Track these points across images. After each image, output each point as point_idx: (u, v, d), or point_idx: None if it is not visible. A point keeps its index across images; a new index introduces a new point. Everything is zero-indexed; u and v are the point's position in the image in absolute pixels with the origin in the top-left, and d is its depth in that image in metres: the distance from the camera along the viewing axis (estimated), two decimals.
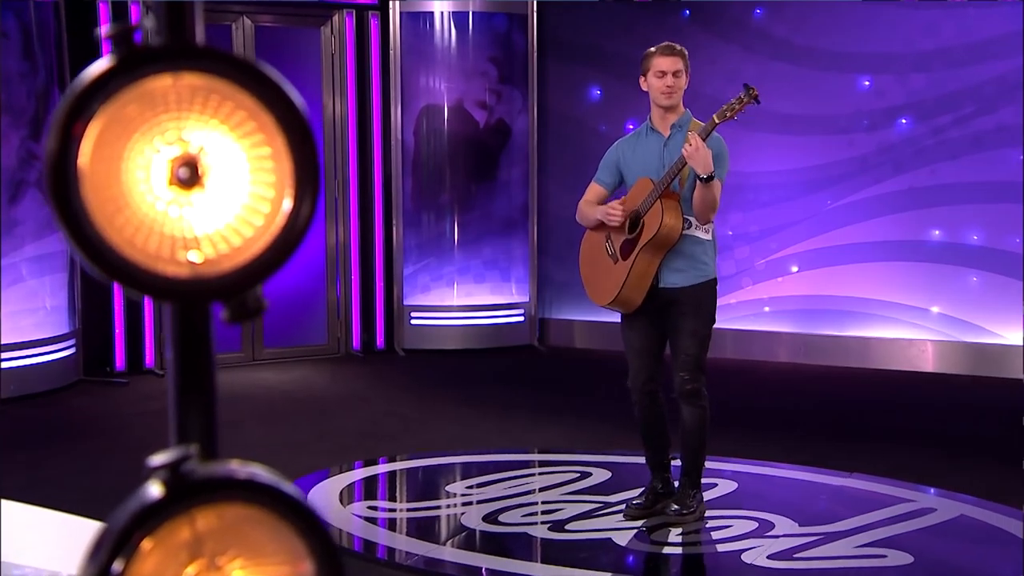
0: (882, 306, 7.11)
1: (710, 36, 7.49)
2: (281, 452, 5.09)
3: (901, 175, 7.02)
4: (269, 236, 0.92)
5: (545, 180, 8.16)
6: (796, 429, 5.55)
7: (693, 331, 3.74)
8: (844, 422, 5.74)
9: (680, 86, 3.73)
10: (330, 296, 7.72)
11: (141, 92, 0.89)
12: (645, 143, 3.83)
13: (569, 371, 7.39)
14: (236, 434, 5.46)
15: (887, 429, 5.54)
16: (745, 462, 4.81)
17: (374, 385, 6.84)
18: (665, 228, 3.66)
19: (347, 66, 7.61)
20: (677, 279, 3.77)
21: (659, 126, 3.81)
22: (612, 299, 3.81)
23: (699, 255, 3.77)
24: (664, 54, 3.69)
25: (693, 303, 3.74)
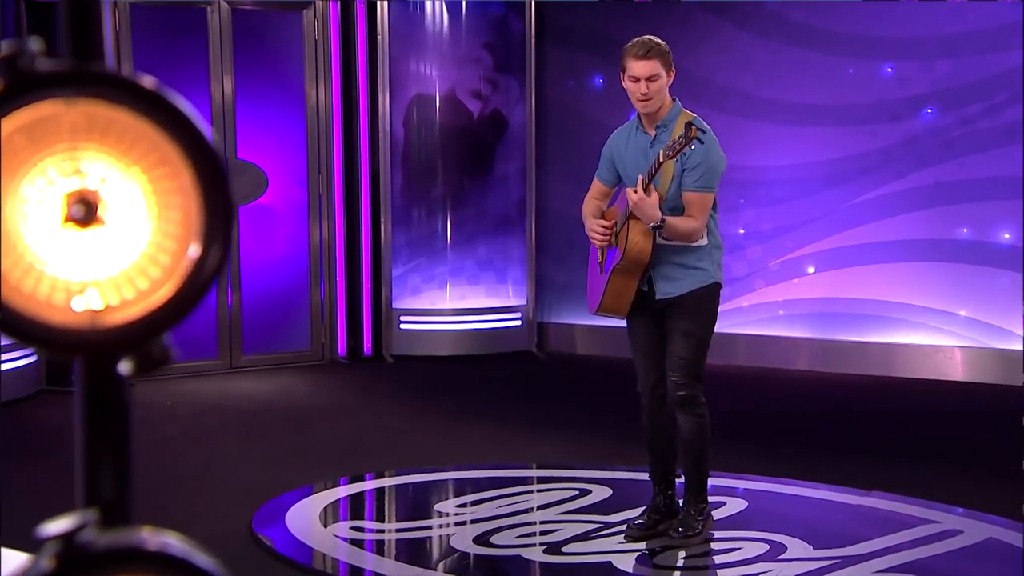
0: (906, 310, 7.09)
1: (721, 21, 7.46)
2: (259, 468, 5.07)
3: (926, 169, 7.00)
4: (174, 282, 0.89)
5: (544, 175, 8.16)
6: (812, 442, 5.54)
7: (688, 332, 3.75)
8: (864, 435, 5.72)
9: (658, 88, 3.66)
10: (313, 299, 7.71)
11: (30, 120, 0.86)
12: (634, 142, 3.83)
13: (570, 379, 7.39)
14: (210, 449, 5.45)
15: (910, 443, 5.52)
16: (756, 479, 4.78)
17: (360, 395, 6.84)
18: (631, 252, 3.67)
19: (331, 52, 7.61)
20: (672, 288, 3.78)
21: (646, 125, 3.80)
22: (596, 309, 3.87)
23: (692, 261, 3.77)
24: (637, 57, 3.63)
25: (689, 305, 3.77)
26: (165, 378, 6.98)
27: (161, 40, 7.11)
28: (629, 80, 3.67)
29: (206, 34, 7.16)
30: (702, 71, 7.22)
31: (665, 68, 3.66)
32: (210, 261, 0.89)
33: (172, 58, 7.15)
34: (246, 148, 7.38)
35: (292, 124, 7.57)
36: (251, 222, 7.45)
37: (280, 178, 7.56)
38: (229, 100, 7.26)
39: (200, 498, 4.64)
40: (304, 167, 7.61)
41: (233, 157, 7.31)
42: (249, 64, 7.33)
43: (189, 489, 4.77)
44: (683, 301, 3.75)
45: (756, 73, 7.42)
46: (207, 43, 7.18)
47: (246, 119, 7.34)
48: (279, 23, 7.50)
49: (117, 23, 6.87)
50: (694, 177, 3.65)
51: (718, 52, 7.41)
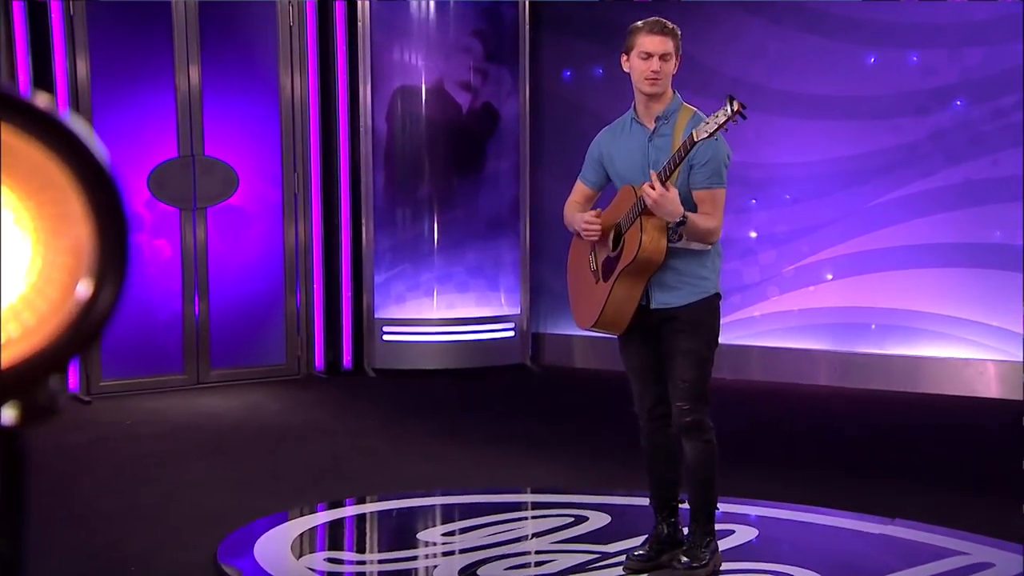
0: (933, 320, 7.09)
1: (731, 6, 7.47)
2: (227, 493, 5.06)
3: (955, 166, 6.99)
4: (61, 321, 0.86)
5: (539, 173, 8.16)
6: (830, 465, 5.53)
7: (690, 352, 3.74)
8: (887, 457, 5.71)
9: (667, 72, 3.67)
10: (289, 308, 7.70)
11: None
12: (628, 137, 3.80)
13: (567, 395, 7.40)
14: (174, 473, 5.44)
15: (938, 466, 5.51)
16: (769, 504, 4.76)
17: (339, 413, 6.83)
18: (645, 252, 3.65)
19: (308, 40, 7.61)
20: (670, 299, 3.76)
21: (643, 117, 3.77)
22: (593, 323, 3.83)
23: (694, 269, 3.75)
24: (652, 32, 3.65)
25: (689, 320, 3.75)
26: (126, 395, 7.00)
27: (121, 28, 7.08)
28: (639, 57, 3.66)
29: (170, 20, 7.15)
30: (709, 60, 7.20)
31: (676, 52, 3.68)
32: (102, 300, 0.86)
33: (133, 48, 7.12)
34: (215, 144, 7.36)
35: (265, 118, 7.56)
36: (221, 224, 7.44)
37: (252, 176, 7.54)
38: (196, 92, 7.24)
39: (162, 527, 4.62)
40: (278, 165, 7.60)
41: (201, 154, 7.30)
42: (218, 53, 7.32)
43: (150, 517, 4.75)
44: (681, 316, 3.74)
45: (768, 62, 7.42)
46: (171, 30, 7.16)
47: (214, 113, 7.33)
48: (250, 8, 7.48)
49: (71, 9, 6.84)
50: (706, 173, 3.64)
51: (727, 39, 7.40)
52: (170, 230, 7.27)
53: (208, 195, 7.33)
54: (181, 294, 7.29)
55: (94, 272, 0.86)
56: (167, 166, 7.21)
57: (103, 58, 6.95)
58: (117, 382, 7.06)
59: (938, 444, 5.97)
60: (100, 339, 0.87)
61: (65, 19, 6.81)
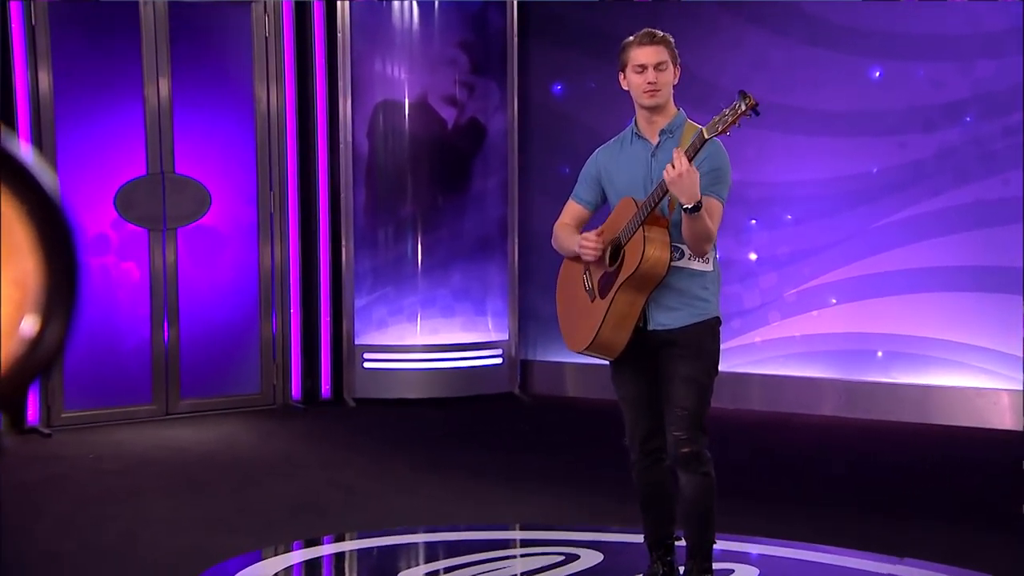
0: (943, 347, 7.06)
1: (731, 15, 7.47)
2: (197, 532, 5.02)
3: (966, 185, 6.98)
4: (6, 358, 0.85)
5: (528, 191, 8.14)
6: (835, 500, 5.50)
7: (689, 377, 3.73)
8: (896, 492, 5.68)
9: (666, 81, 3.71)
10: (264, 334, 7.67)
11: None
12: (630, 153, 3.83)
13: (558, 426, 7.37)
14: (140, 510, 5.39)
15: (949, 501, 5.48)
16: (770, 542, 4.75)
17: (317, 445, 6.81)
18: (647, 263, 3.65)
19: (285, 51, 7.60)
20: (669, 319, 3.75)
21: (646, 132, 3.80)
22: (588, 344, 3.82)
23: (695, 290, 3.76)
24: (642, 43, 3.70)
25: (689, 345, 3.74)
26: (89, 427, 6.95)
27: (86, 37, 7.05)
28: (633, 71, 3.70)
29: (138, 28, 7.12)
30: (706, 73, 7.13)
31: (672, 60, 3.71)
32: (49, 337, 0.85)
33: (99, 57, 7.09)
34: (186, 160, 7.34)
35: (239, 133, 7.54)
36: (192, 246, 7.41)
37: (225, 195, 7.52)
38: (166, 106, 7.22)
39: (127, 570, 4.57)
40: (253, 182, 7.58)
41: (171, 171, 7.28)
42: (189, 64, 7.29)
43: (114, 558, 4.70)
44: (680, 340, 3.74)
45: (769, 75, 7.38)
46: (140, 40, 7.13)
47: (185, 127, 7.30)
48: (224, 17, 7.47)
49: (33, 17, 6.80)
50: (710, 180, 3.65)
51: (725, 51, 7.38)
52: (138, 252, 7.23)
53: (178, 215, 7.30)
54: (149, 319, 7.25)
55: (41, 307, 0.84)
56: (135, 184, 7.18)
57: (67, 68, 6.92)
58: (80, 413, 7.00)
59: (949, 478, 5.93)
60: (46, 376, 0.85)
61: (26, 26, 6.76)
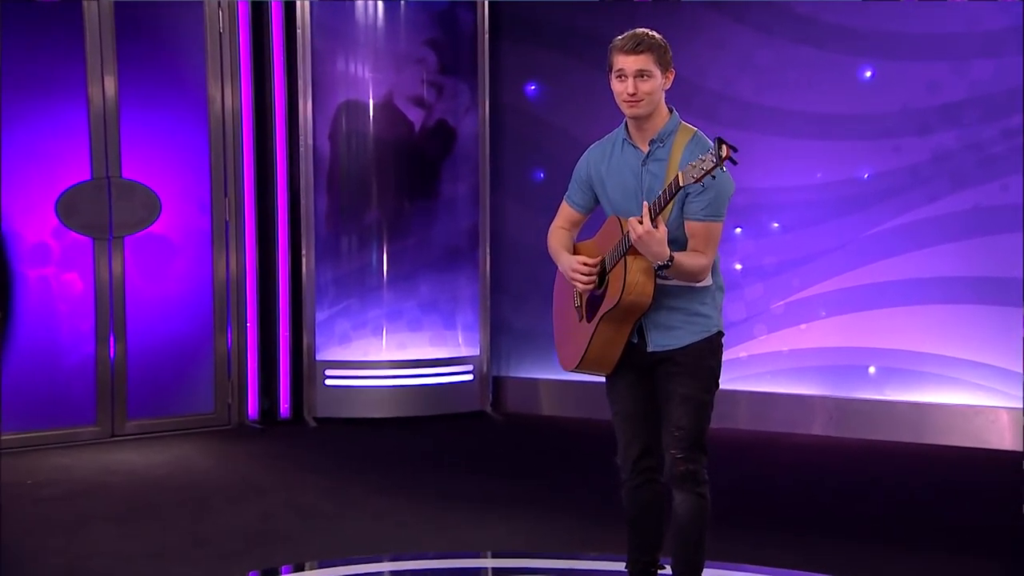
0: (939, 362, 7.07)
1: (715, 13, 7.48)
2: (146, 564, 4.97)
3: (962, 191, 7.00)
4: None
5: (500, 197, 8.14)
6: (826, 524, 5.50)
7: (687, 397, 3.75)
8: (889, 516, 5.68)
9: (649, 90, 3.68)
10: (218, 349, 7.64)
11: None
12: (620, 160, 3.82)
13: (532, 446, 7.37)
14: (83, 541, 5.33)
15: (945, 526, 5.49)
16: (758, 570, 4.73)
17: (275, 467, 6.78)
18: (629, 296, 3.66)
19: (240, 48, 7.57)
20: (669, 340, 3.77)
21: (636, 138, 3.79)
22: (576, 364, 3.86)
23: (695, 307, 3.77)
24: (625, 49, 3.67)
25: (688, 363, 3.77)
26: (28, 451, 6.89)
27: (26, 33, 7.00)
28: (615, 77, 3.70)
29: (82, 26, 7.08)
30: (690, 73, 7.15)
31: (660, 66, 3.69)
32: None
33: (39, 54, 7.04)
34: (134, 164, 7.30)
35: (191, 135, 7.50)
36: (140, 255, 7.37)
37: (176, 201, 7.48)
38: (112, 105, 7.19)
39: None
40: (207, 188, 7.55)
41: (117, 176, 7.23)
42: (137, 62, 7.25)
43: None
44: (680, 358, 3.76)
45: (756, 75, 7.42)
46: (82, 34, 7.09)
47: (133, 129, 7.27)
48: (174, 12, 7.43)
49: None
50: (702, 204, 3.65)
51: (710, 50, 7.39)
52: (82, 262, 7.19)
53: (126, 222, 7.26)
54: (94, 335, 7.21)
55: None
56: (78, 190, 7.14)
57: (4, 65, 6.86)
58: (18, 436, 6.94)
59: (946, 502, 5.94)
60: None
61: None
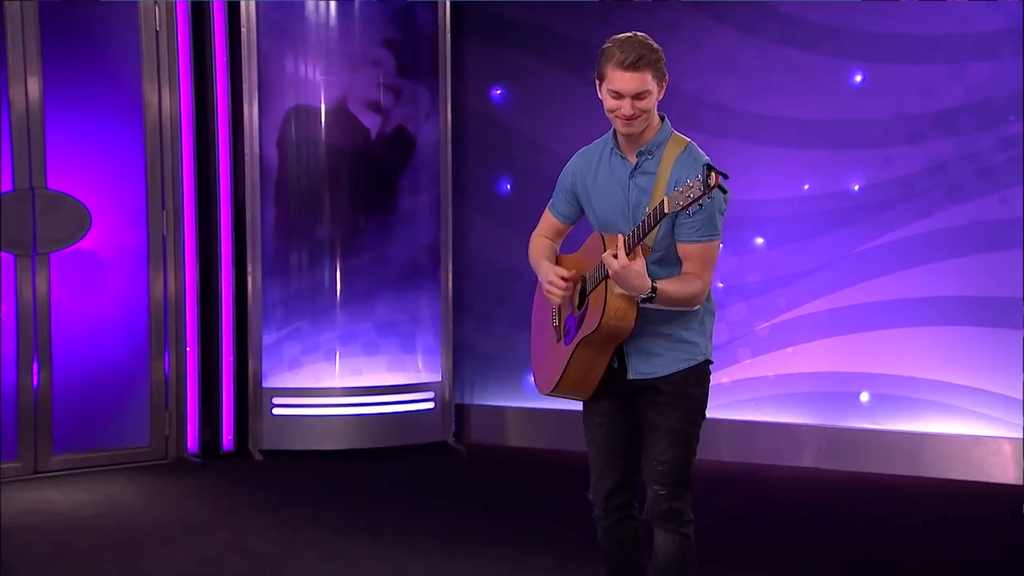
0: (936, 388, 7.07)
1: (695, 12, 7.51)
2: None
3: (959, 204, 7.00)
4: None
5: (463, 211, 8.14)
6: (815, 564, 5.54)
7: (672, 429, 3.75)
8: (883, 555, 5.69)
9: (646, 108, 3.65)
10: (155, 376, 7.55)
11: None
12: (608, 170, 3.82)
13: (497, 480, 7.34)
14: None
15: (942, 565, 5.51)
16: None
17: (216, 505, 6.71)
18: (609, 322, 3.65)
19: (179, 47, 7.51)
20: (651, 367, 3.77)
21: (624, 148, 3.79)
22: (552, 388, 3.87)
23: (679, 332, 3.76)
24: (624, 66, 3.61)
25: (673, 393, 3.77)
26: None
27: None
28: (609, 95, 3.67)
29: (1, 21, 7.01)
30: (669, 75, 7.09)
31: (657, 81, 3.67)
32: None
33: None
34: (60, 173, 7.22)
35: (125, 142, 7.42)
36: (68, 274, 7.28)
37: (108, 214, 7.39)
38: (36, 109, 7.11)
39: None
40: (142, 199, 7.45)
41: (42, 187, 7.14)
42: (64, 62, 7.19)
43: None
44: (663, 387, 3.76)
45: (737, 79, 7.44)
46: (3, 33, 7.03)
47: (60, 135, 7.20)
48: (106, 8, 7.36)
49: None
50: (695, 226, 3.64)
51: (688, 51, 7.41)
52: (3, 281, 7.10)
53: (52, 238, 7.18)
54: (15, 361, 7.11)
55: None
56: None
57: None
58: None
59: (943, 539, 5.96)
60: None
61: None
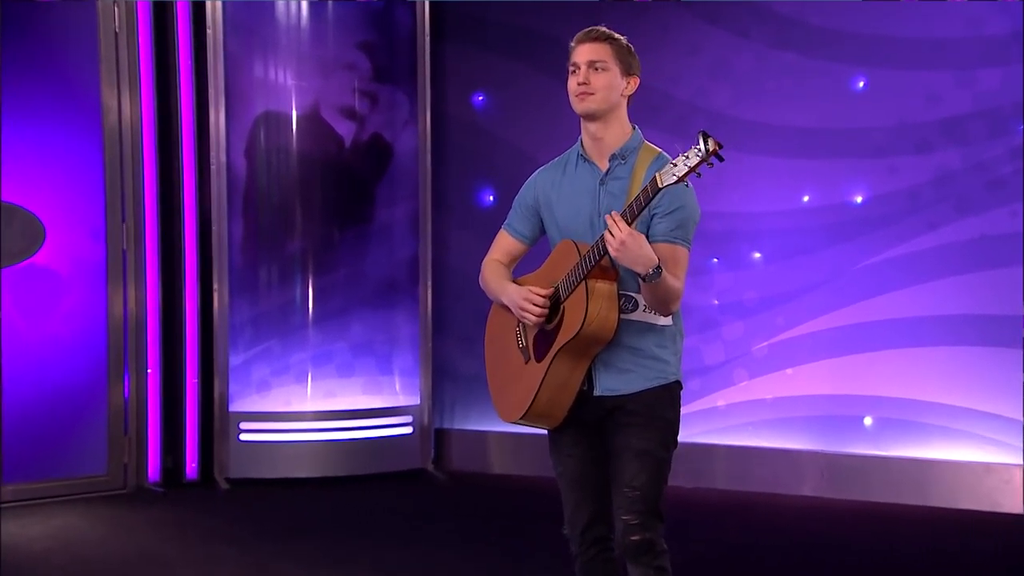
0: (944, 412, 7.04)
1: (687, 13, 7.52)
2: None
3: (968, 217, 6.97)
4: None
5: (444, 223, 8.14)
6: None
7: (642, 451, 3.72)
8: None
9: (603, 84, 3.70)
10: (113, 400, 7.47)
11: None
12: (574, 180, 3.82)
13: (479, 509, 7.32)
14: None
15: None
16: None
17: (179, 538, 6.63)
18: (591, 325, 3.62)
19: (140, 50, 7.48)
20: (619, 383, 3.73)
21: (593, 154, 3.79)
22: (522, 414, 3.80)
23: (650, 348, 3.74)
24: (579, 41, 3.77)
25: (642, 413, 3.74)
26: None
27: None
28: (570, 74, 3.74)
29: None
30: (658, 81, 7.23)
31: (618, 63, 3.74)
32: None
33: None
34: (14, 184, 7.15)
35: (82, 150, 7.38)
36: (20, 291, 7.21)
37: (64, 227, 7.33)
38: None
39: None
40: (101, 212, 7.40)
41: None
42: (16, 64, 7.14)
43: None
44: (633, 406, 3.74)
45: (732, 85, 7.44)
46: None
47: (12, 142, 7.11)
48: (62, 8, 7.32)
49: None
50: (671, 224, 3.64)
51: (681, 55, 7.43)
52: None
53: (3, 252, 7.09)
54: None
55: None
56: None
57: None
58: None
59: (952, 572, 5.93)
60: None
61: None
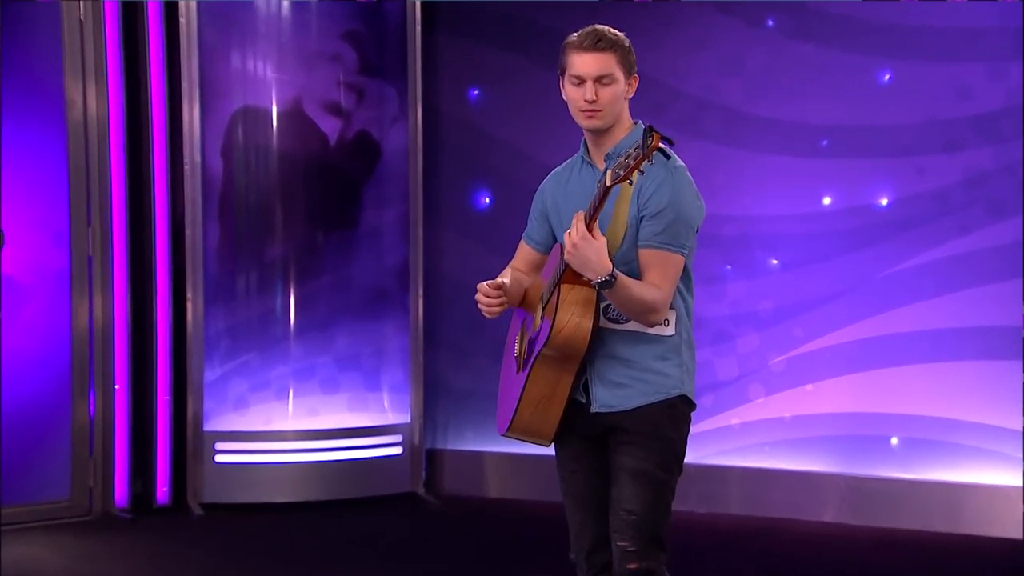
0: (978, 432, 6.92)
1: (696, 4, 7.45)
2: None
3: (1001, 221, 6.86)
4: None
5: (435, 227, 8.08)
6: None
7: (638, 472, 3.70)
8: None
9: (611, 98, 3.66)
10: (77, 418, 7.34)
11: None
12: (577, 183, 3.83)
13: (474, 536, 7.26)
14: None
15: None
16: None
17: (149, 567, 6.58)
18: (560, 334, 3.60)
19: (107, 41, 7.36)
20: (615, 399, 3.71)
21: (593, 155, 3.79)
22: (506, 429, 3.82)
23: (647, 361, 3.70)
24: (583, 48, 3.69)
25: (640, 431, 3.71)
26: None
27: None
28: (570, 83, 3.71)
29: None
30: (666, 76, 7.24)
31: (623, 69, 3.70)
32: None
33: None
34: None
35: (44, 148, 7.28)
36: None
37: (24, 232, 7.23)
38: None
39: None
40: (64, 215, 7.30)
41: None
42: None
43: None
44: (629, 424, 3.71)
45: (747, 79, 7.38)
46: None
47: None
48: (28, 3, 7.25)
49: None
50: (656, 227, 3.62)
51: (689, 50, 7.38)
52: None
53: None
54: None
55: None
56: None
57: None
58: None
59: None
60: None
61: None
